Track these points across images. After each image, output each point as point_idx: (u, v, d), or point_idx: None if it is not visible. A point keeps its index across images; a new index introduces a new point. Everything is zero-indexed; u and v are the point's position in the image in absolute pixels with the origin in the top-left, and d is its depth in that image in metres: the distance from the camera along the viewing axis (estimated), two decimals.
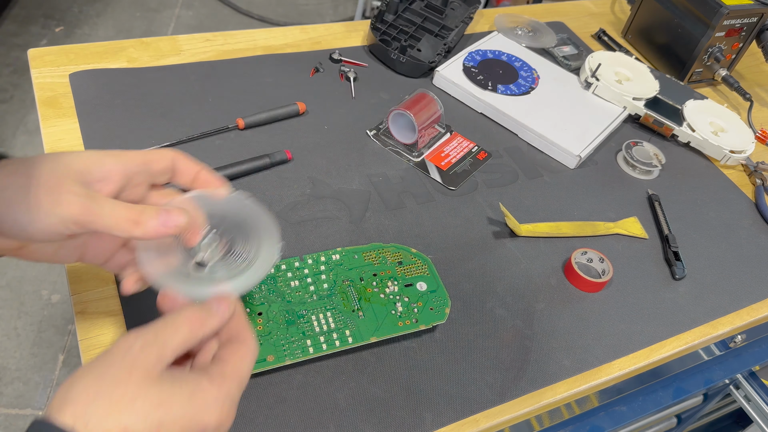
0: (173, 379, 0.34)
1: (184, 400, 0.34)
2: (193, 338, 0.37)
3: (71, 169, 0.38)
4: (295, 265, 0.59)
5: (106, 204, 0.38)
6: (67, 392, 0.32)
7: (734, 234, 0.75)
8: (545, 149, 0.80)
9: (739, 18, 0.91)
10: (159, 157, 0.42)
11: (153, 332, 0.35)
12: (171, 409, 0.33)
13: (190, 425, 0.34)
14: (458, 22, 0.91)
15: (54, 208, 0.36)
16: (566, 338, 0.60)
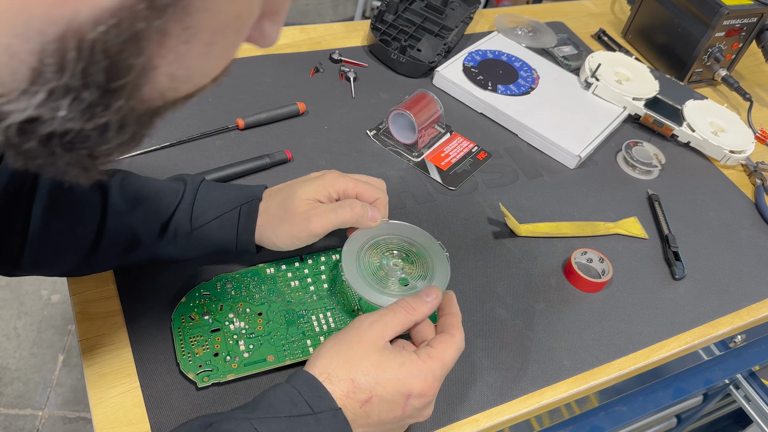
0: (391, 351, 0.45)
1: (396, 366, 0.44)
2: (408, 320, 0.47)
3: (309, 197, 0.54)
4: (295, 265, 0.59)
5: (340, 210, 0.54)
6: (317, 354, 0.45)
7: (734, 234, 0.75)
8: (545, 149, 0.80)
9: (739, 18, 0.91)
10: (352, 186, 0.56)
11: (378, 314, 0.47)
12: (386, 371, 0.44)
13: (398, 386, 0.44)
14: (458, 22, 0.91)
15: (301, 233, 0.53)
16: (566, 338, 0.60)
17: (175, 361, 0.51)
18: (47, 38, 0.22)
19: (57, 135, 0.25)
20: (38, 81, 0.23)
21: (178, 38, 0.25)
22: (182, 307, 0.54)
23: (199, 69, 0.28)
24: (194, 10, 0.25)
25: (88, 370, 0.51)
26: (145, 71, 0.25)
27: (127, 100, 0.26)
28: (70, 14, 0.22)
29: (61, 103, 0.24)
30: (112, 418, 0.48)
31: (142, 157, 0.67)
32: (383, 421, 0.44)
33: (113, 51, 0.24)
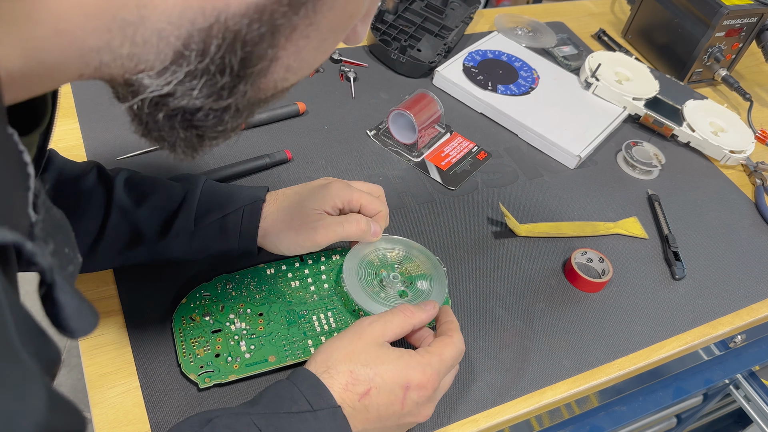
0: (389, 347, 0.46)
1: (395, 358, 0.45)
2: (406, 323, 0.48)
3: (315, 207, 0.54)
4: (295, 265, 0.59)
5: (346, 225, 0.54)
6: (317, 351, 0.46)
7: (734, 234, 0.75)
8: (545, 149, 0.80)
9: (739, 18, 0.91)
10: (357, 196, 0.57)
11: (378, 315, 0.48)
12: (384, 362, 0.45)
13: (396, 378, 0.44)
14: (458, 22, 0.91)
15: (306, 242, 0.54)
16: (566, 338, 0.60)
17: (176, 362, 0.51)
18: (196, 26, 0.25)
19: (184, 111, 0.28)
20: (180, 62, 0.26)
21: (301, 33, 0.28)
22: (183, 308, 0.54)
23: (310, 61, 0.30)
24: (321, 8, 0.27)
25: (88, 370, 0.51)
26: (271, 62, 0.28)
27: (252, 87, 0.28)
28: (221, 7, 0.25)
29: (196, 84, 0.27)
30: (112, 418, 0.48)
31: (143, 157, 0.67)
32: (382, 417, 0.44)
33: (252, 42, 0.26)
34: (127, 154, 0.66)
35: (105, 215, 0.50)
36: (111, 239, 0.51)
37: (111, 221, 0.50)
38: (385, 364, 0.45)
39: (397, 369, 0.45)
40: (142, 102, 0.27)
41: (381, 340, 0.46)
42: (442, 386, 0.48)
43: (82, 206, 0.50)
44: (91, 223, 0.50)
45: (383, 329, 0.47)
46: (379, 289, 0.56)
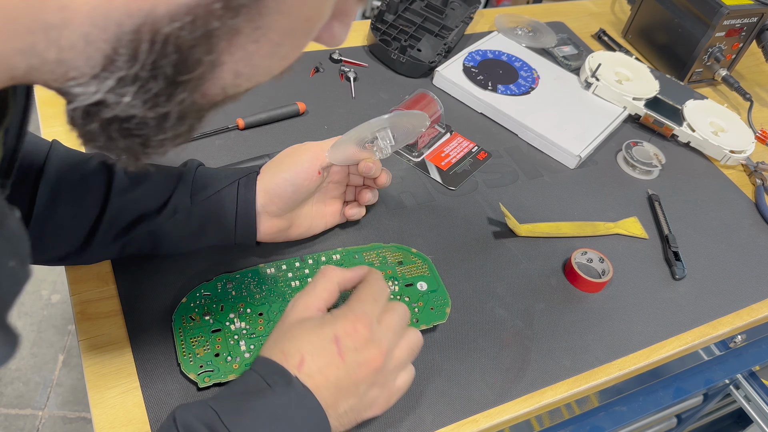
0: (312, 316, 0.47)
1: (317, 323, 0.46)
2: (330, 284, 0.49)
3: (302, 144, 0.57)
4: (295, 265, 0.59)
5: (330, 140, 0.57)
6: None
7: (734, 234, 0.75)
8: (545, 149, 0.80)
9: (739, 18, 0.91)
10: None
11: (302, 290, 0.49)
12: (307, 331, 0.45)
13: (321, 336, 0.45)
14: (458, 22, 0.91)
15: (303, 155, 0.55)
16: (566, 338, 0.60)
17: (175, 362, 0.51)
18: (123, 29, 0.24)
19: (118, 120, 0.27)
20: (110, 68, 0.25)
21: (248, 37, 0.26)
22: (183, 307, 0.54)
23: (264, 67, 0.29)
24: (267, 11, 0.26)
25: (88, 370, 0.51)
26: (212, 67, 0.26)
27: (191, 94, 0.27)
28: (147, 8, 0.24)
29: (128, 91, 0.25)
30: (112, 418, 0.48)
31: None
32: (328, 378, 0.43)
33: (185, 46, 0.25)
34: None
35: (105, 198, 0.51)
36: (110, 221, 0.51)
37: (111, 203, 0.51)
38: (308, 331, 0.45)
39: (320, 330, 0.45)
40: (74, 111, 0.26)
41: (307, 314, 0.47)
42: (384, 327, 0.47)
43: (84, 189, 0.50)
44: (92, 204, 0.50)
45: (307, 301, 0.47)
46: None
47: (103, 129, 0.27)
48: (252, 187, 0.55)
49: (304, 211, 0.59)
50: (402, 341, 0.48)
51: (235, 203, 0.54)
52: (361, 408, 0.45)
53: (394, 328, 0.47)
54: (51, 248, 0.51)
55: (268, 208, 0.55)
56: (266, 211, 0.55)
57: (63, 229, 0.50)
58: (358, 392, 0.45)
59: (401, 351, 0.48)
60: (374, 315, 0.47)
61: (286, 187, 0.55)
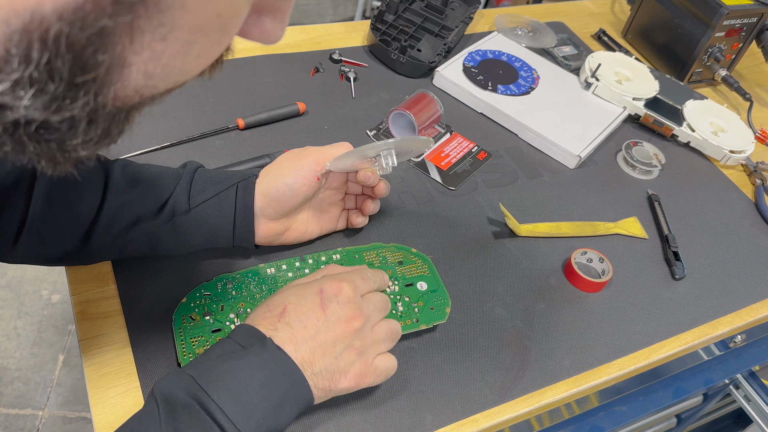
0: None
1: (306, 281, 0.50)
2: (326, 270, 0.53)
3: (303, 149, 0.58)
4: (295, 265, 0.59)
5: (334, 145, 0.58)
6: None
7: (734, 234, 0.75)
8: (545, 149, 0.80)
9: (739, 18, 0.91)
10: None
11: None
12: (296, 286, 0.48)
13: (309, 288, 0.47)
14: (458, 22, 0.91)
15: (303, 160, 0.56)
16: (566, 338, 0.60)
17: (176, 362, 0.51)
18: (11, 28, 0.22)
19: (22, 124, 0.25)
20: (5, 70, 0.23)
21: (152, 36, 0.25)
22: (183, 307, 0.54)
23: (178, 67, 0.27)
24: (167, 8, 0.24)
25: (88, 370, 0.51)
26: (115, 67, 0.25)
27: (96, 96, 0.25)
28: (33, 5, 0.22)
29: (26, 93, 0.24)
30: (112, 418, 0.48)
31: (143, 157, 0.67)
32: (307, 327, 0.45)
33: (78, 45, 0.23)
34: (127, 154, 0.66)
35: (102, 198, 0.51)
36: (107, 223, 0.51)
37: (107, 204, 0.51)
38: (295, 287, 0.48)
39: (308, 285, 0.47)
40: None
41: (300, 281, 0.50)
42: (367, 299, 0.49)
43: (80, 191, 0.50)
44: (87, 207, 0.50)
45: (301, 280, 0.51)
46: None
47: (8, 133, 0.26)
48: (251, 190, 0.55)
49: (301, 215, 0.59)
50: (383, 322, 0.50)
51: (233, 207, 0.54)
52: (335, 370, 0.46)
53: (376, 304, 0.50)
54: (48, 248, 0.51)
55: (266, 211, 0.56)
56: (264, 214, 0.56)
57: (59, 229, 0.50)
58: (334, 351, 0.46)
59: (381, 327, 0.49)
60: (360, 286, 0.49)
61: (285, 191, 0.55)
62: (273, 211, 0.56)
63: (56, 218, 0.49)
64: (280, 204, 0.55)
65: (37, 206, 0.48)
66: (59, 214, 0.49)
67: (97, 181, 0.51)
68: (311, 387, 0.45)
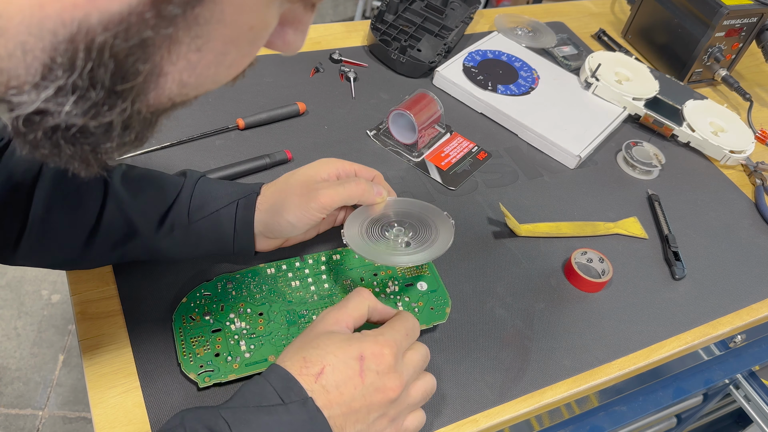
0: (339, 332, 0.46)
1: (346, 337, 0.45)
2: (361, 305, 0.48)
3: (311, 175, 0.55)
4: (295, 265, 0.59)
5: (347, 185, 0.55)
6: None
7: (734, 234, 0.75)
8: (545, 149, 0.80)
9: (739, 18, 0.91)
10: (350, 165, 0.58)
11: (333, 306, 0.48)
12: (335, 342, 0.45)
13: (348, 351, 0.44)
14: (458, 22, 0.91)
15: (311, 202, 0.53)
16: (566, 338, 0.60)
17: (176, 362, 0.51)
18: (59, 38, 0.24)
19: (61, 129, 0.26)
20: (49, 77, 0.25)
21: (188, 47, 0.26)
22: (183, 307, 0.54)
23: (211, 77, 0.29)
24: (205, 21, 0.26)
25: (88, 370, 0.51)
26: (153, 76, 0.26)
27: (133, 103, 0.27)
28: (80, 17, 0.24)
29: (67, 100, 0.25)
30: (112, 418, 0.48)
31: (143, 157, 0.67)
32: (345, 395, 0.43)
33: (120, 55, 0.25)
34: (131, 153, 0.66)
35: (101, 207, 0.51)
36: (107, 232, 0.51)
37: (107, 213, 0.50)
38: (336, 344, 0.44)
39: (349, 344, 0.44)
40: (17, 119, 0.26)
41: (335, 328, 0.46)
42: (408, 362, 0.46)
43: (79, 197, 0.50)
44: (87, 215, 0.50)
45: (337, 316, 0.47)
46: (381, 241, 0.56)
47: (47, 137, 0.27)
48: (251, 208, 0.54)
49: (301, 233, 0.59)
50: (419, 382, 0.48)
51: (233, 223, 0.54)
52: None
53: (416, 366, 0.47)
54: (49, 255, 0.51)
55: (266, 234, 0.56)
56: (263, 235, 0.56)
57: (59, 236, 0.50)
58: (368, 419, 0.44)
59: (417, 391, 0.47)
60: (403, 347, 0.46)
61: (286, 227, 0.55)
62: (272, 236, 0.56)
63: (56, 224, 0.49)
64: (280, 234, 0.56)
65: (37, 211, 0.48)
66: (59, 219, 0.49)
67: (96, 188, 0.51)
68: None
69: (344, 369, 0.43)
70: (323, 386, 0.43)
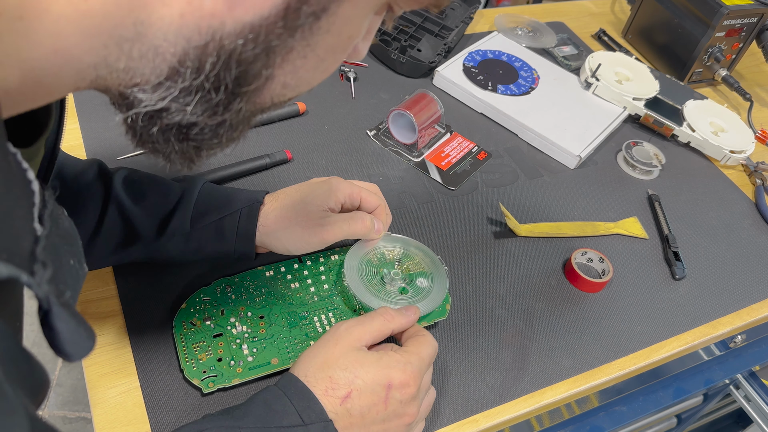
0: (367, 351, 0.46)
1: (374, 360, 0.45)
2: (385, 327, 0.48)
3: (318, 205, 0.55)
4: (294, 266, 0.59)
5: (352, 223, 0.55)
6: (298, 360, 0.46)
7: (734, 234, 0.75)
8: (545, 149, 0.80)
9: (739, 18, 0.91)
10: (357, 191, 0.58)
11: (356, 320, 0.48)
12: (364, 365, 0.44)
13: (377, 377, 0.44)
14: (458, 22, 0.91)
15: (313, 238, 0.54)
16: (566, 338, 0.60)
17: (176, 361, 0.51)
18: (192, 44, 0.26)
19: (178, 127, 0.29)
20: (174, 78, 0.27)
21: (298, 53, 0.29)
22: (183, 313, 0.54)
23: (307, 80, 0.31)
24: (319, 31, 0.28)
25: (88, 370, 0.51)
26: (267, 80, 0.29)
27: (246, 104, 0.29)
28: (217, 26, 0.26)
29: (191, 100, 0.27)
30: (112, 418, 0.48)
31: (143, 158, 0.67)
32: (366, 419, 0.44)
33: (247, 61, 0.27)
34: (127, 154, 0.66)
35: (102, 211, 0.51)
36: (107, 236, 0.51)
37: (108, 218, 0.50)
38: (364, 367, 0.44)
39: (377, 370, 0.44)
40: (136, 115, 0.28)
41: (358, 345, 0.46)
42: (423, 386, 0.47)
43: (80, 202, 0.50)
44: (88, 218, 0.50)
45: (361, 333, 0.46)
46: (380, 286, 0.56)
47: (162, 133, 0.29)
48: (253, 219, 0.54)
49: None
50: (427, 397, 0.49)
51: (235, 232, 0.54)
52: None
53: (427, 386, 0.48)
54: None
55: (273, 241, 0.55)
56: (263, 245, 0.56)
57: None
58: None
59: (424, 408, 0.48)
60: (423, 374, 0.47)
61: (284, 251, 0.56)
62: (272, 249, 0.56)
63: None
64: (279, 251, 0.56)
65: None
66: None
67: (97, 192, 0.51)
68: None
69: (370, 396, 0.44)
70: (347, 410, 0.43)
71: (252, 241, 0.54)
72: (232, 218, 0.54)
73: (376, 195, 0.59)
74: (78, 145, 0.66)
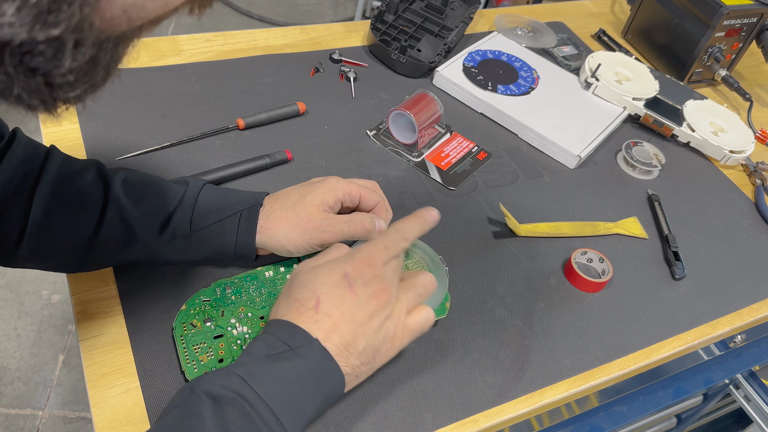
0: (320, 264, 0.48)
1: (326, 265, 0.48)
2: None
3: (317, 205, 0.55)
4: (293, 267, 0.59)
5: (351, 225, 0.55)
6: None
7: (734, 234, 0.75)
8: (545, 149, 0.80)
9: (739, 18, 0.91)
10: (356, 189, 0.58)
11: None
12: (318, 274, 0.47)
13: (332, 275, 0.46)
14: (458, 22, 0.91)
15: (313, 240, 0.55)
16: (566, 338, 0.60)
17: (176, 361, 0.51)
18: None
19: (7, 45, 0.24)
20: None
21: None
22: (183, 314, 0.54)
23: None
24: None
25: (88, 370, 0.51)
26: None
27: (81, 8, 0.24)
28: None
29: (7, 7, 0.22)
30: (112, 418, 0.48)
31: (143, 157, 0.67)
32: (345, 313, 0.45)
33: None
34: (127, 154, 0.66)
35: (101, 213, 0.50)
36: (107, 238, 0.51)
37: (107, 219, 0.50)
38: (319, 275, 0.47)
39: (330, 270, 0.47)
40: None
41: (314, 264, 0.48)
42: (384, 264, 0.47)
43: (79, 203, 0.50)
44: (87, 220, 0.50)
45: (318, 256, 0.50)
46: None
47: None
48: (254, 221, 0.55)
49: None
50: (407, 280, 0.50)
51: (235, 234, 0.54)
52: (377, 343, 0.46)
53: (394, 266, 0.49)
54: (48, 259, 0.51)
55: (274, 243, 0.56)
56: (263, 247, 0.56)
57: (58, 242, 0.50)
58: (372, 325, 0.46)
59: (408, 288, 0.49)
60: (381, 258, 0.48)
61: (284, 252, 0.56)
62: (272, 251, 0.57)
63: (56, 228, 0.49)
64: (277, 253, 0.57)
65: (37, 216, 0.48)
66: (58, 224, 0.49)
67: (96, 193, 0.51)
68: (353, 368, 0.45)
69: (336, 291, 0.46)
70: (325, 313, 0.45)
71: (252, 242, 0.54)
72: (232, 220, 0.54)
73: (375, 192, 0.59)
74: (78, 145, 0.66)
